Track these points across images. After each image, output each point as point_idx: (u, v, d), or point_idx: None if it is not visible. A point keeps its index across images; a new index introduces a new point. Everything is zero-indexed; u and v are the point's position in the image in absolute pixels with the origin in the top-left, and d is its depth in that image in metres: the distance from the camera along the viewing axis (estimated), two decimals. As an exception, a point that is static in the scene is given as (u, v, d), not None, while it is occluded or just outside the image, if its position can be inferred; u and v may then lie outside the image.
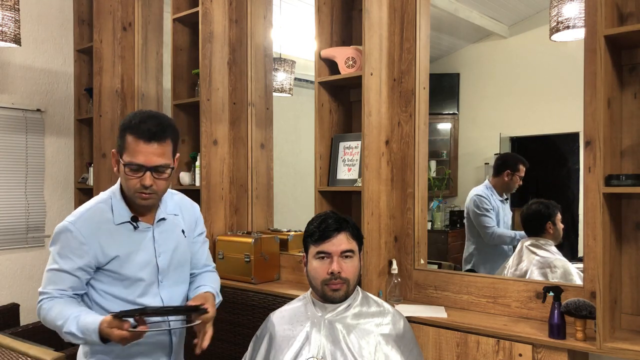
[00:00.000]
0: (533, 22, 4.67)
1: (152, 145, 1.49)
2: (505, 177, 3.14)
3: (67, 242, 1.53)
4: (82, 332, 1.45)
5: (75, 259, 1.52)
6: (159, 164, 1.51)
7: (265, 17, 3.06)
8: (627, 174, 1.65)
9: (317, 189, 2.41)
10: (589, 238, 1.89)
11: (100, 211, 1.58)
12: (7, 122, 3.47)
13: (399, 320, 1.63)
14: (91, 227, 1.55)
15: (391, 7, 2.39)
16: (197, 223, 1.79)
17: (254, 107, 3.01)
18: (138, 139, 1.48)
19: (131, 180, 1.52)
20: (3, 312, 3.00)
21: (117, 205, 1.59)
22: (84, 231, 1.53)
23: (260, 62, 3.04)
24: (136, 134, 1.49)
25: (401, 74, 2.41)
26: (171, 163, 1.55)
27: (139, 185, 1.51)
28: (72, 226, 1.53)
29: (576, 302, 1.77)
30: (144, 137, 1.48)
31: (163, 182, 1.55)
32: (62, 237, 1.54)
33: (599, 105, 1.66)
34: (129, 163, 1.50)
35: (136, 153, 1.49)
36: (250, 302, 2.55)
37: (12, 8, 2.76)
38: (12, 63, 3.51)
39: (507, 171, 3.14)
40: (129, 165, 1.50)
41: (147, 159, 1.49)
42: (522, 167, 3.15)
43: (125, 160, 1.50)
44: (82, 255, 1.52)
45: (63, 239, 1.53)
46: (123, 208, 1.59)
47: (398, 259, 2.37)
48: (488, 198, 3.10)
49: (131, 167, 1.50)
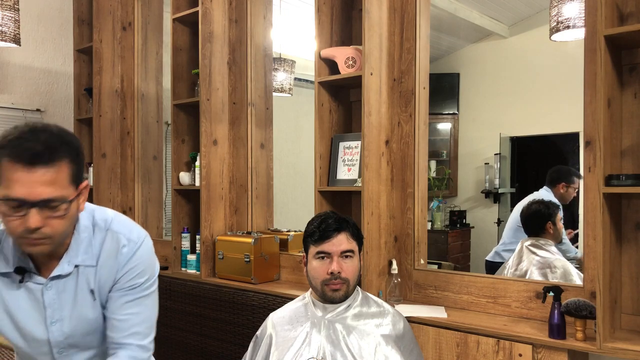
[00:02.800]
0: (533, 22, 4.68)
1: (36, 172, 1.04)
2: (560, 189, 3.16)
3: None
4: None
5: None
6: (48, 197, 1.06)
7: (265, 17, 3.05)
8: (627, 174, 1.64)
9: (317, 189, 2.41)
10: (589, 238, 1.88)
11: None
12: (7, 122, 3.47)
13: (399, 320, 1.63)
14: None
15: (391, 7, 2.39)
16: (120, 271, 1.24)
17: (254, 107, 3.01)
18: (15, 162, 1.04)
19: (12, 222, 1.07)
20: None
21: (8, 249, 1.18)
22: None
23: (260, 62, 3.04)
24: (12, 156, 1.04)
25: (401, 74, 2.41)
26: (68, 195, 1.09)
27: (21, 229, 1.07)
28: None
29: (576, 302, 1.77)
30: (23, 160, 1.04)
31: (59, 221, 1.10)
32: None
33: (599, 105, 1.66)
34: (5, 197, 1.05)
35: (13, 183, 1.04)
36: (250, 302, 2.55)
37: (12, 8, 2.76)
38: (12, 63, 3.51)
39: (562, 184, 3.16)
40: (4, 201, 1.05)
41: (29, 191, 1.04)
42: (577, 179, 3.18)
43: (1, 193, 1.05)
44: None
45: None
46: (12, 254, 1.18)
47: (398, 259, 2.37)
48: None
49: (8, 203, 1.05)
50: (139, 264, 1.26)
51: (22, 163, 1.04)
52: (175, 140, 3.02)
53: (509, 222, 3.27)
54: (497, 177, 4.70)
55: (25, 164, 1.04)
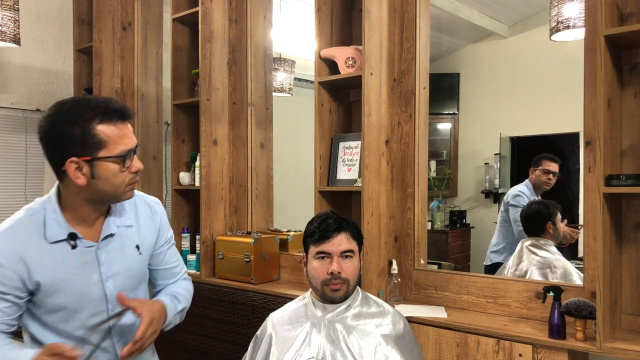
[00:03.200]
0: (533, 22, 4.68)
1: (128, 124, 1.29)
2: (531, 175, 3.12)
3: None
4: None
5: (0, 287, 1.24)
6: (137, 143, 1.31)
7: (265, 17, 3.05)
8: (627, 174, 1.64)
9: (317, 189, 2.41)
10: (589, 238, 1.88)
11: (29, 226, 1.28)
12: (6, 122, 3.47)
13: (399, 320, 1.63)
14: (15, 246, 1.25)
15: (391, 7, 2.39)
16: (161, 230, 1.50)
17: (254, 107, 3.01)
18: (115, 122, 1.25)
19: (122, 174, 1.27)
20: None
21: (52, 220, 1.29)
22: (5, 251, 1.24)
23: (260, 62, 3.04)
24: (110, 119, 1.24)
25: (401, 74, 2.41)
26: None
27: (130, 176, 1.29)
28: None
29: (576, 302, 1.77)
30: (120, 118, 1.26)
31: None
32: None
33: (599, 105, 1.66)
34: (121, 153, 1.25)
35: (122, 138, 1.25)
36: (250, 302, 2.55)
37: (11, 8, 2.76)
38: (12, 63, 3.51)
39: (530, 169, 3.12)
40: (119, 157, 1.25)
41: (132, 139, 1.28)
42: (545, 161, 3.10)
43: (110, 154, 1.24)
44: (3, 280, 1.24)
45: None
46: (60, 222, 1.30)
47: (398, 259, 2.37)
48: (527, 195, 3.09)
49: (124, 156, 1.26)
50: (166, 220, 1.53)
51: (121, 120, 1.25)
52: (175, 140, 3.02)
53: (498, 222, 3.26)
54: (497, 177, 4.71)
55: (122, 120, 1.25)
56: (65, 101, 1.27)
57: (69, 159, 1.22)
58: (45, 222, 1.29)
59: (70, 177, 1.24)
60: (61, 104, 1.26)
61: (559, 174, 3.13)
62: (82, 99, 1.27)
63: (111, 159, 1.24)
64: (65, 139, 1.22)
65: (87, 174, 1.24)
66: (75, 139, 1.22)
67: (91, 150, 1.23)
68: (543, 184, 3.11)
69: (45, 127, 1.25)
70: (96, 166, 1.24)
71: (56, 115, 1.24)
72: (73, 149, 1.22)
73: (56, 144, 1.24)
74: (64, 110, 1.24)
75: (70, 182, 1.26)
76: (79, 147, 1.22)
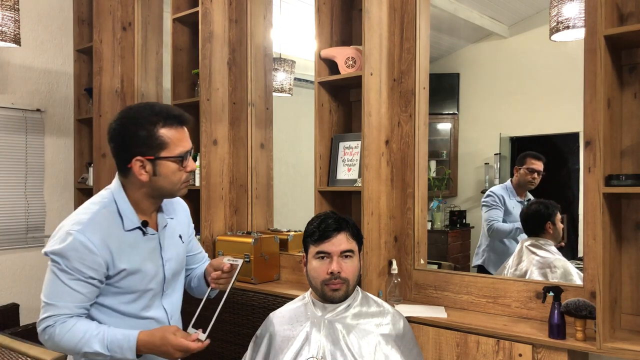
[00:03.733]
0: (533, 22, 4.67)
1: (185, 129, 1.45)
2: (515, 174, 3.08)
3: (76, 254, 1.35)
4: (109, 349, 1.35)
5: (86, 271, 1.37)
6: (192, 146, 1.48)
7: (265, 17, 3.06)
8: (627, 174, 1.64)
9: (317, 189, 2.41)
10: (589, 238, 1.88)
11: (107, 217, 1.42)
12: (7, 122, 3.47)
13: (398, 320, 1.63)
14: (101, 234, 1.39)
15: (391, 7, 2.39)
16: (189, 222, 1.70)
17: (254, 107, 3.01)
18: (175, 126, 1.41)
19: (179, 173, 1.44)
20: (3, 312, 3.00)
21: (126, 210, 1.45)
22: (95, 240, 1.37)
23: (260, 62, 3.04)
24: (171, 123, 1.41)
25: (401, 74, 2.41)
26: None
27: (185, 175, 1.46)
28: (81, 235, 1.36)
29: (576, 302, 1.77)
30: (179, 123, 1.43)
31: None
32: (70, 247, 1.35)
33: (599, 105, 1.66)
34: (180, 154, 1.42)
35: (181, 141, 1.42)
36: (250, 302, 2.55)
37: (12, 8, 2.76)
38: (12, 63, 3.51)
39: (515, 167, 3.07)
40: (178, 158, 1.42)
41: (188, 142, 1.45)
42: (529, 159, 3.04)
43: (170, 154, 1.41)
44: (94, 267, 1.37)
45: (70, 249, 1.35)
46: (132, 212, 1.46)
47: (398, 259, 2.37)
48: (498, 196, 3.06)
49: (182, 157, 1.43)
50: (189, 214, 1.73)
51: (180, 124, 1.42)
52: (175, 140, 3.01)
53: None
54: (497, 177, 4.70)
55: (180, 124, 1.43)
56: (132, 107, 1.47)
57: (135, 158, 1.39)
58: (120, 212, 1.44)
59: (135, 174, 1.41)
60: (128, 109, 1.45)
61: (544, 172, 3.06)
62: (146, 105, 1.43)
63: (171, 159, 1.41)
64: (132, 140, 1.40)
65: (149, 171, 1.41)
66: (141, 140, 1.39)
67: (154, 150, 1.40)
68: (527, 182, 3.06)
69: (115, 130, 1.43)
70: (158, 165, 1.41)
71: (125, 119, 1.42)
72: (139, 148, 1.39)
73: (124, 144, 1.41)
74: (131, 115, 1.42)
75: (134, 178, 1.43)
76: (144, 147, 1.39)
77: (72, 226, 1.38)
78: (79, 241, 1.36)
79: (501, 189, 3.11)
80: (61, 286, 1.36)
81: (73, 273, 1.36)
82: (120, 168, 1.46)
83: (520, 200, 3.09)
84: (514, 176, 3.11)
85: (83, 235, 1.36)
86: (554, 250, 2.57)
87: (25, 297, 3.54)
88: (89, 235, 1.37)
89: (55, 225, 1.44)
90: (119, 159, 1.45)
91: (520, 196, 3.09)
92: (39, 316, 1.40)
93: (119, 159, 1.45)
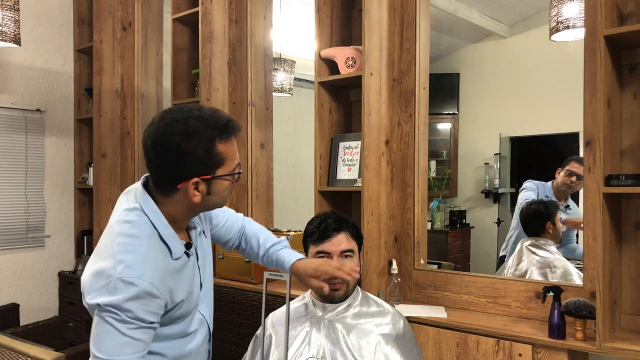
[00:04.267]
0: (533, 22, 4.67)
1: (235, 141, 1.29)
2: (556, 176, 2.92)
3: (139, 304, 1.17)
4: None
5: (148, 318, 1.19)
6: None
7: (265, 17, 3.05)
8: (627, 174, 1.65)
9: (317, 189, 2.41)
10: (589, 238, 1.88)
11: (155, 249, 1.24)
12: (7, 122, 3.47)
13: (398, 320, 1.63)
14: (160, 273, 1.21)
15: (391, 7, 2.39)
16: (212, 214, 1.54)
17: (254, 107, 3.01)
18: (231, 139, 1.25)
19: (230, 186, 1.28)
20: (3, 312, 3.00)
21: (168, 236, 1.26)
22: (156, 282, 1.19)
23: (260, 62, 3.04)
24: (228, 136, 1.23)
25: (401, 74, 2.41)
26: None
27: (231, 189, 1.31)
28: (143, 282, 1.17)
29: (576, 302, 1.77)
30: (235, 133, 1.25)
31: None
32: (132, 298, 1.16)
33: (599, 105, 1.66)
34: (235, 172, 1.27)
35: (235, 153, 1.26)
36: (250, 302, 2.55)
37: (12, 8, 2.76)
38: (12, 63, 3.51)
39: (557, 169, 2.91)
40: (235, 174, 1.27)
41: (237, 151, 1.29)
42: (572, 162, 2.88)
43: (227, 171, 1.24)
44: (157, 311, 1.21)
45: (133, 299, 1.16)
46: (175, 238, 1.28)
47: (398, 259, 2.37)
48: (537, 185, 2.93)
49: (239, 171, 1.28)
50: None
51: (234, 135, 1.25)
52: (175, 140, 3.01)
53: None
54: (497, 177, 4.70)
55: (234, 135, 1.25)
56: (177, 117, 1.20)
57: (192, 181, 1.21)
58: (164, 240, 1.25)
59: (188, 195, 1.22)
60: (174, 121, 1.19)
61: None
62: (196, 114, 1.21)
63: (227, 176, 1.25)
64: (187, 160, 1.19)
65: (203, 191, 1.23)
66: (197, 159, 1.19)
67: (212, 169, 1.22)
68: (566, 186, 2.89)
69: (163, 146, 1.19)
70: (214, 183, 1.24)
71: (175, 134, 1.18)
72: (195, 169, 1.20)
73: (176, 164, 1.19)
74: (182, 129, 1.18)
75: (182, 198, 1.24)
76: (200, 167, 1.21)
77: (125, 271, 1.16)
78: (142, 290, 1.17)
79: (540, 185, 2.95)
80: (121, 338, 1.16)
81: (134, 322, 1.17)
82: (162, 187, 1.25)
83: (561, 204, 2.91)
84: (555, 179, 2.94)
85: (145, 282, 1.17)
86: (553, 250, 2.57)
87: (25, 297, 3.54)
88: (149, 279, 1.18)
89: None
90: (164, 178, 1.23)
91: (560, 200, 2.92)
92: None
93: (164, 178, 1.23)
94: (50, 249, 3.70)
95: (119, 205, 1.30)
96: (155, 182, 1.26)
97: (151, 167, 1.23)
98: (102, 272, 1.17)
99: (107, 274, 1.16)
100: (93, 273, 1.19)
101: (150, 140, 1.20)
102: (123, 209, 1.26)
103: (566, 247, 2.78)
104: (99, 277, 1.17)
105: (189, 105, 1.25)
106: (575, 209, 2.93)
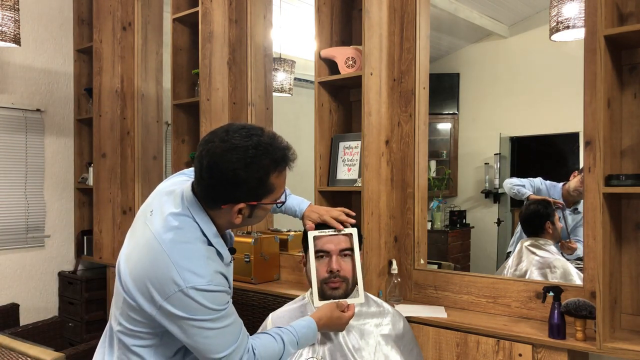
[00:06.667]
0: (533, 22, 4.67)
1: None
2: (571, 179, 2.85)
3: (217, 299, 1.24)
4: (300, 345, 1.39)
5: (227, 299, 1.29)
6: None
7: (265, 17, 3.06)
8: (627, 174, 1.65)
9: (317, 189, 2.41)
10: (589, 238, 1.88)
11: (213, 257, 1.27)
12: (7, 122, 3.48)
13: (398, 320, 1.63)
14: (224, 281, 1.29)
15: (391, 7, 2.39)
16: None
17: (254, 107, 3.01)
18: (284, 171, 1.27)
19: (269, 211, 1.35)
20: (3, 312, 3.00)
21: (219, 245, 1.29)
22: (223, 283, 1.28)
23: (260, 62, 3.04)
24: (282, 169, 1.26)
25: (401, 74, 2.41)
26: None
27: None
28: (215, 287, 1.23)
29: (576, 302, 1.77)
30: (289, 166, 1.28)
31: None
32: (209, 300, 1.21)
33: (599, 105, 1.66)
34: (280, 201, 1.31)
35: (284, 183, 1.29)
36: (250, 302, 2.55)
37: (12, 8, 2.76)
38: (12, 63, 3.51)
39: (574, 172, 2.85)
40: (279, 202, 1.32)
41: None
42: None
43: (273, 199, 1.27)
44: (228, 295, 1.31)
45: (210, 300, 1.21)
46: (223, 245, 1.31)
47: (398, 259, 2.37)
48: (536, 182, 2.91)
49: (283, 201, 1.37)
50: None
51: (284, 168, 1.26)
52: (175, 140, 3.02)
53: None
54: (497, 177, 4.70)
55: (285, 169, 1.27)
56: (239, 145, 1.19)
57: (238, 206, 1.23)
58: (216, 248, 1.28)
59: (230, 215, 1.25)
60: (236, 148, 1.18)
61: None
62: (254, 143, 1.19)
63: (271, 203, 1.28)
64: (240, 186, 1.20)
65: (245, 214, 1.26)
66: (249, 187, 1.21)
67: (260, 197, 1.24)
68: (576, 191, 2.79)
69: (217, 169, 1.19)
70: (258, 208, 1.27)
71: (234, 162, 1.18)
72: (245, 195, 1.22)
73: (228, 188, 1.21)
74: (242, 157, 1.18)
75: (224, 215, 1.27)
76: (250, 195, 1.23)
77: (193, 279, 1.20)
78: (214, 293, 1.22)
79: (551, 185, 2.90)
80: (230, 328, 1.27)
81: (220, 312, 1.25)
82: (208, 201, 1.26)
83: (570, 209, 2.83)
84: (569, 181, 2.87)
85: (214, 286, 1.22)
86: (553, 250, 2.57)
87: (25, 297, 3.54)
88: (217, 282, 1.24)
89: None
90: (212, 196, 1.24)
91: (568, 204, 2.84)
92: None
93: (212, 197, 1.24)
94: (50, 249, 3.70)
95: (162, 204, 1.30)
96: (202, 196, 1.26)
97: (202, 183, 1.23)
98: (167, 279, 1.20)
99: (175, 282, 1.19)
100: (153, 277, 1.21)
101: (206, 161, 1.20)
102: (169, 212, 1.27)
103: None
104: (164, 284, 1.20)
105: (250, 125, 1.24)
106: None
